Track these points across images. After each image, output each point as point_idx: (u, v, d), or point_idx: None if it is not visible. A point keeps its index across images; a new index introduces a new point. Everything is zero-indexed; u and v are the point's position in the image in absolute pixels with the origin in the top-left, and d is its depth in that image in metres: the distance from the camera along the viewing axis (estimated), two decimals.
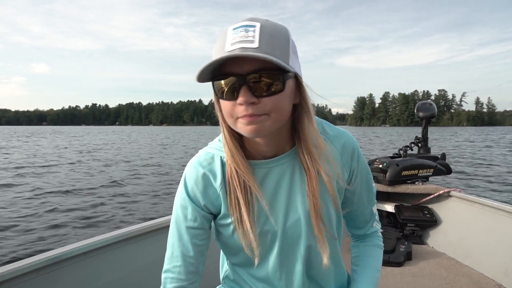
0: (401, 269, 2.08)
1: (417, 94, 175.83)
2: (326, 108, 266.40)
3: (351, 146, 0.81)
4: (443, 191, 2.34)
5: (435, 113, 2.74)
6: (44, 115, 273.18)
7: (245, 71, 0.63)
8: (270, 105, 0.65)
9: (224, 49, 0.63)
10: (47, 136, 43.77)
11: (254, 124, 0.65)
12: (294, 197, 0.78)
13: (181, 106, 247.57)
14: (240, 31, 0.63)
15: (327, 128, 0.82)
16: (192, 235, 0.79)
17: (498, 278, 1.88)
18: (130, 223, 5.12)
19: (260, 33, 0.63)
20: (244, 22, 0.65)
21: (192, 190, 0.79)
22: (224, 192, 0.77)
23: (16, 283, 1.08)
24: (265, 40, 0.63)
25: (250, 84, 0.63)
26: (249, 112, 0.64)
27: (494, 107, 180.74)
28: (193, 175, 0.78)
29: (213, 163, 0.78)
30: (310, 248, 0.80)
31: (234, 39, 0.63)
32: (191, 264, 0.79)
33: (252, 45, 0.62)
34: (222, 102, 0.68)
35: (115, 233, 1.38)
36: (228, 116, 0.69)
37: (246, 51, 0.61)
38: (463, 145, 25.56)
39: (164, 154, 18.79)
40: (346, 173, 0.81)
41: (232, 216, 0.77)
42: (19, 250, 4.39)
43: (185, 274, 0.79)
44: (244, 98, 0.63)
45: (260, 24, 0.64)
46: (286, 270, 0.82)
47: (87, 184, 9.07)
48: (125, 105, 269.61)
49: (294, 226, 0.78)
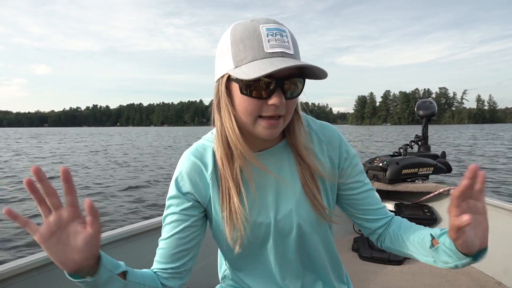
0: (401, 267, 2.08)
1: (418, 92, 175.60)
2: (327, 107, 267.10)
3: (335, 136, 0.85)
4: (443, 189, 2.34)
5: (435, 111, 2.73)
6: (45, 116, 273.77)
7: (283, 75, 0.66)
8: (291, 106, 0.71)
9: (264, 49, 0.65)
10: (63, 138, 43.55)
11: (273, 129, 0.70)
12: (285, 188, 0.80)
13: (182, 106, 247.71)
14: (276, 34, 0.66)
15: (312, 122, 0.86)
16: (181, 228, 0.78)
17: (497, 276, 1.88)
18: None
19: (291, 39, 0.68)
20: (275, 25, 0.68)
21: (183, 179, 0.79)
22: (214, 182, 0.78)
23: (17, 281, 1.08)
24: (295, 46, 0.68)
25: (285, 87, 0.67)
26: (278, 113, 0.68)
27: (496, 105, 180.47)
28: (185, 164, 0.80)
29: (205, 154, 0.80)
30: (303, 238, 0.82)
31: (272, 41, 0.66)
32: (175, 247, 0.79)
33: (289, 51, 0.66)
34: (245, 99, 0.68)
35: (115, 232, 1.38)
36: (247, 114, 0.69)
37: (285, 56, 0.65)
38: (463, 143, 25.49)
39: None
40: (336, 161, 0.84)
41: (222, 205, 0.77)
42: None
43: (165, 257, 0.79)
44: (279, 100, 0.66)
45: (287, 29, 0.69)
46: (281, 261, 0.83)
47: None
48: (126, 106, 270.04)
49: (286, 216, 0.80)
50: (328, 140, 0.84)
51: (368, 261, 2.19)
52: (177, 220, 0.79)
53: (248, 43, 0.66)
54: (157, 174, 11.11)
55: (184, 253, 0.79)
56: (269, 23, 0.67)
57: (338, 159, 0.84)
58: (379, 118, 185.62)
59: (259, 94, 0.67)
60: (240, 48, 0.66)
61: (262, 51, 0.65)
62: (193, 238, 0.80)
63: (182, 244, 0.79)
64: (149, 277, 0.76)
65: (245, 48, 0.66)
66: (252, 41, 0.66)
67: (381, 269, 2.08)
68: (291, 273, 0.85)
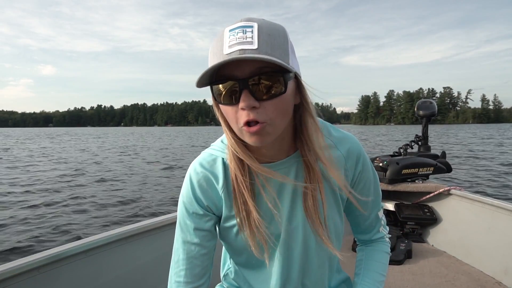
0: (401, 267, 2.08)
1: (422, 92, 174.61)
2: (330, 107, 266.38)
3: (356, 151, 0.79)
4: (443, 189, 2.33)
5: (435, 111, 2.73)
6: (50, 116, 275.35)
7: (245, 74, 0.60)
8: (272, 109, 0.62)
9: (222, 52, 0.60)
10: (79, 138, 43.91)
11: (258, 135, 0.63)
12: (297, 201, 0.76)
13: (186, 106, 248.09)
14: (237, 32, 0.60)
15: (333, 131, 0.80)
16: (197, 237, 0.77)
17: (498, 276, 1.88)
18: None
19: (258, 34, 0.60)
20: (240, 23, 0.61)
21: (194, 192, 0.76)
22: (226, 194, 0.76)
23: (17, 281, 1.09)
24: (264, 41, 0.60)
25: (250, 87, 0.60)
26: (251, 118, 0.61)
27: (501, 104, 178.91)
28: (195, 177, 0.77)
29: (215, 165, 0.77)
30: (307, 252, 0.79)
31: (232, 41, 0.60)
32: (197, 266, 0.78)
33: (251, 46, 0.59)
34: (223, 108, 0.65)
35: (115, 232, 1.39)
36: (233, 123, 0.65)
37: (245, 53, 0.58)
38: (464, 143, 25.35)
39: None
40: (350, 178, 0.79)
41: (237, 218, 0.75)
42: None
43: (191, 277, 0.77)
44: (245, 103, 0.60)
45: (257, 24, 0.61)
46: (285, 273, 0.81)
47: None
48: (130, 106, 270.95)
49: (295, 230, 0.77)
50: (347, 153, 0.78)
51: None
52: (193, 243, 0.77)
53: (213, 50, 0.62)
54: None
55: (205, 270, 0.79)
56: (236, 23, 0.62)
57: (353, 173, 0.79)
58: (383, 118, 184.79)
59: (230, 100, 0.63)
60: (209, 57, 0.64)
61: (221, 55, 0.60)
62: (210, 252, 0.80)
63: (202, 262, 0.78)
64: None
65: (211, 55, 0.63)
66: (215, 47, 0.62)
67: None
68: (292, 282, 0.83)
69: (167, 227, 1.55)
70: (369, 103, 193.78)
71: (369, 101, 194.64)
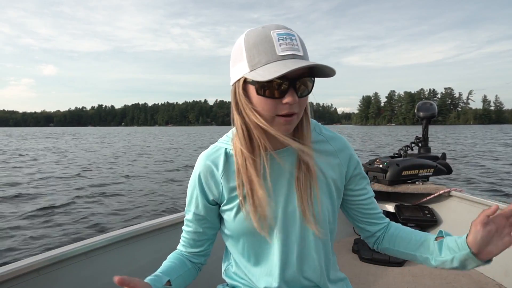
0: (402, 269, 2.08)
1: (423, 92, 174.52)
2: (331, 107, 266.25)
3: (346, 146, 0.91)
4: (443, 190, 2.33)
5: (435, 113, 2.73)
6: (51, 116, 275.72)
7: (293, 75, 0.71)
8: (303, 104, 0.76)
9: (276, 53, 0.71)
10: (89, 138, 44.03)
11: (289, 125, 0.76)
12: (292, 189, 0.85)
13: (186, 106, 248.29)
14: (286, 38, 0.72)
15: (324, 130, 0.92)
16: (201, 223, 0.92)
17: (498, 278, 1.88)
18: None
19: (300, 42, 0.73)
20: (284, 30, 0.74)
21: (199, 179, 0.88)
22: (225, 179, 0.86)
23: (16, 283, 1.08)
24: (304, 48, 0.74)
25: (296, 86, 0.73)
26: (293, 111, 0.74)
27: (502, 105, 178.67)
28: (199, 166, 0.89)
29: (217, 155, 0.88)
30: (304, 237, 0.86)
31: (283, 45, 0.71)
32: (200, 246, 0.95)
33: (299, 53, 0.72)
34: (262, 99, 0.74)
35: (115, 233, 1.38)
36: (266, 113, 0.75)
37: (295, 57, 0.71)
38: (464, 144, 25.31)
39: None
40: (344, 171, 0.90)
41: (239, 196, 0.84)
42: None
43: (191, 248, 0.95)
44: (292, 98, 0.72)
45: (295, 33, 0.75)
46: (284, 256, 0.86)
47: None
48: (131, 106, 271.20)
49: (292, 214, 0.85)
50: (339, 148, 0.90)
51: (369, 263, 2.19)
52: (197, 216, 0.91)
53: (262, 48, 0.72)
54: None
55: (205, 241, 0.95)
56: (279, 29, 0.74)
57: (346, 168, 0.90)
58: (384, 118, 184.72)
59: (273, 94, 0.73)
60: (254, 53, 0.73)
61: (274, 55, 0.71)
62: (211, 228, 0.93)
63: (203, 234, 0.93)
64: (181, 267, 0.92)
65: (259, 52, 0.72)
66: (265, 46, 0.72)
67: (382, 270, 2.09)
68: (290, 272, 0.87)
69: (168, 228, 1.55)
70: (370, 103, 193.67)
71: (370, 102, 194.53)
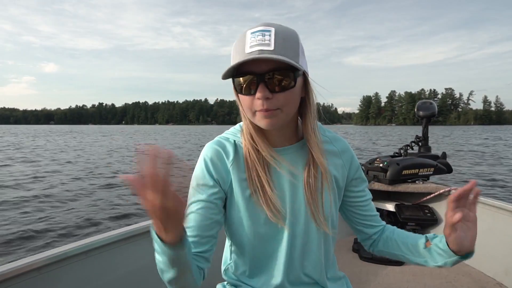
0: (402, 268, 2.08)
1: (424, 93, 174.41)
2: (332, 107, 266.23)
3: (348, 148, 0.93)
4: (443, 190, 2.33)
5: (435, 112, 2.72)
6: (52, 114, 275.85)
7: (262, 70, 0.73)
8: (282, 100, 0.75)
9: (244, 51, 0.73)
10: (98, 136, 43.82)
11: (269, 118, 0.75)
12: (298, 186, 0.85)
13: (187, 105, 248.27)
14: (257, 35, 0.73)
15: (326, 131, 0.93)
16: (206, 216, 0.82)
17: (498, 277, 1.88)
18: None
19: (275, 37, 0.73)
20: (260, 27, 0.74)
21: (207, 165, 0.85)
22: (235, 169, 0.85)
23: (17, 282, 1.08)
24: (279, 44, 0.73)
25: (266, 81, 0.73)
26: (265, 107, 0.74)
27: (503, 106, 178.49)
28: (208, 152, 0.86)
29: (227, 144, 0.87)
30: (308, 234, 0.87)
31: (252, 42, 0.73)
32: (205, 244, 0.83)
33: (268, 47, 0.72)
34: (242, 97, 0.78)
35: (115, 232, 1.38)
36: (247, 110, 0.78)
37: (263, 53, 0.71)
38: (464, 143, 25.32)
39: None
40: (346, 172, 0.91)
41: (249, 188, 0.83)
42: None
43: (194, 247, 0.83)
44: (261, 94, 0.73)
45: (274, 29, 0.74)
46: (289, 252, 0.86)
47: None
48: (131, 104, 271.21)
49: (298, 211, 0.85)
50: (342, 150, 0.91)
51: (369, 262, 2.19)
52: (202, 207, 0.82)
53: (236, 49, 0.76)
54: None
55: (210, 239, 0.84)
56: (256, 27, 0.75)
57: (348, 169, 0.91)
58: (384, 118, 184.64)
59: (248, 91, 0.76)
60: (234, 55, 0.76)
61: (243, 53, 0.73)
62: (217, 223, 0.84)
63: (209, 228, 0.83)
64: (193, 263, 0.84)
65: (234, 54, 0.76)
66: (238, 46, 0.75)
67: (382, 269, 2.08)
68: (292, 270, 0.88)
69: None
70: (371, 103, 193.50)
71: (370, 102, 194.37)
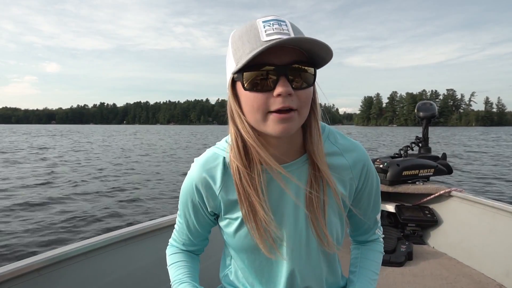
0: (402, 269, 2.07)
1: (425, 93, 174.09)
2: (333, 107, 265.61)
3: (362, 161, 0.79)
4: (444, 191, 2.32)
5: (435, 113, 2.73)
6: (53, 114, 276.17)
7: (284, 62, 0.62)
8: (303, 98, 0.64)
9: (260, 39, 0.62)
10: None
11: (285, 123, 0.64)
12: (300, 204, 0.75)
13: (188, 105, 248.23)
14: (273, 24, 0.63)
15: (340, 138, 0.80)
16: (193, 231, 0.87)
17: (499, 278, 1.87)
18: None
19: (291, 27, 0.64)
20: (273, 16, 0.65)
21: (192, 192, 0.79)
22: (224, 194, 0.76)
23: (17, 283, 1.08)
24: (298, 33, 0.64)
25: (289, 75, 0.62)
26: (286, 104, 0.62)
27: (504, 107, 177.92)
28: (195, 177, 0.78)
29: (214, 165, 0.77)
30: (310, 255, 0.79)
31: (269, 30, 0.62)
32: (193, 245, 0.91)
33: (288, 36, 0.61)
34: (250, 96, 0.64)
35: (115, 233, 1.38)
36: (254, 112, 0.65)
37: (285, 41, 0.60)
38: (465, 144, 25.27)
39: None
40: (354, 186, 0.79)
41: (242, 212, 0.74)
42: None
43: (185, 246, 0.91)
44: (284, 89, 0.61)
45: (287, 20, 0.65)
46: (290, 274, 0.80)
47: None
48: (133, 104, 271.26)
49: (299, 232, 0.77)
50: (354, 162, 0.78)
51: None
52: (192, 218, 0.84)
53: (246, 38, 0.64)
54: None
55: (201, 240, 0.91)
56: (267, 17, 0.65)
57: (358, 181, 0.79)
58: (385, 119, 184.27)
59: (262, 86, 0.63)
60: (239, 45, 0.64)
61: (259, 41, 0.62)
62: (206, 227, 0.87)
63: (199, 235, 0.88)
64: (197, 266, 0.91)
65: (243, 43, 0.64)
66: (249, 35, 0.64)
67: (382, 270, 2.08)
68: (296, 284, 0.82)
69: (167, 228, 1.54)
70: (372, 104, 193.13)
71: (371, 102, 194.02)
